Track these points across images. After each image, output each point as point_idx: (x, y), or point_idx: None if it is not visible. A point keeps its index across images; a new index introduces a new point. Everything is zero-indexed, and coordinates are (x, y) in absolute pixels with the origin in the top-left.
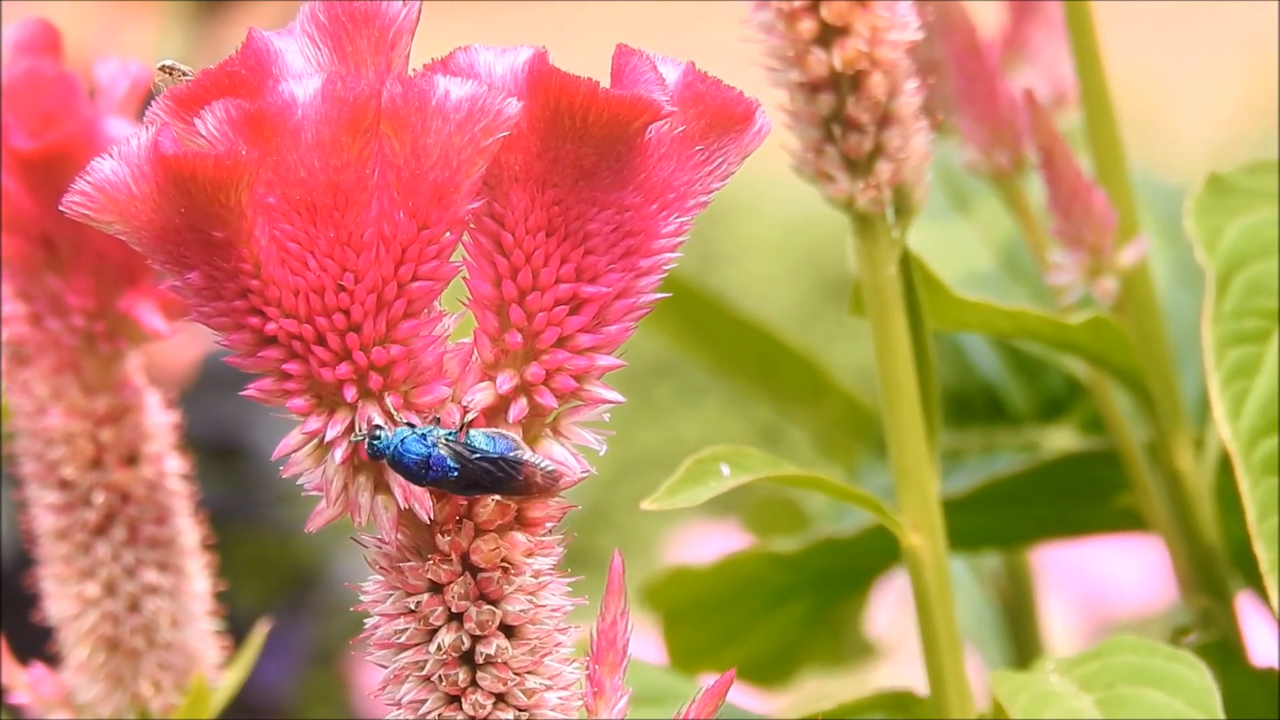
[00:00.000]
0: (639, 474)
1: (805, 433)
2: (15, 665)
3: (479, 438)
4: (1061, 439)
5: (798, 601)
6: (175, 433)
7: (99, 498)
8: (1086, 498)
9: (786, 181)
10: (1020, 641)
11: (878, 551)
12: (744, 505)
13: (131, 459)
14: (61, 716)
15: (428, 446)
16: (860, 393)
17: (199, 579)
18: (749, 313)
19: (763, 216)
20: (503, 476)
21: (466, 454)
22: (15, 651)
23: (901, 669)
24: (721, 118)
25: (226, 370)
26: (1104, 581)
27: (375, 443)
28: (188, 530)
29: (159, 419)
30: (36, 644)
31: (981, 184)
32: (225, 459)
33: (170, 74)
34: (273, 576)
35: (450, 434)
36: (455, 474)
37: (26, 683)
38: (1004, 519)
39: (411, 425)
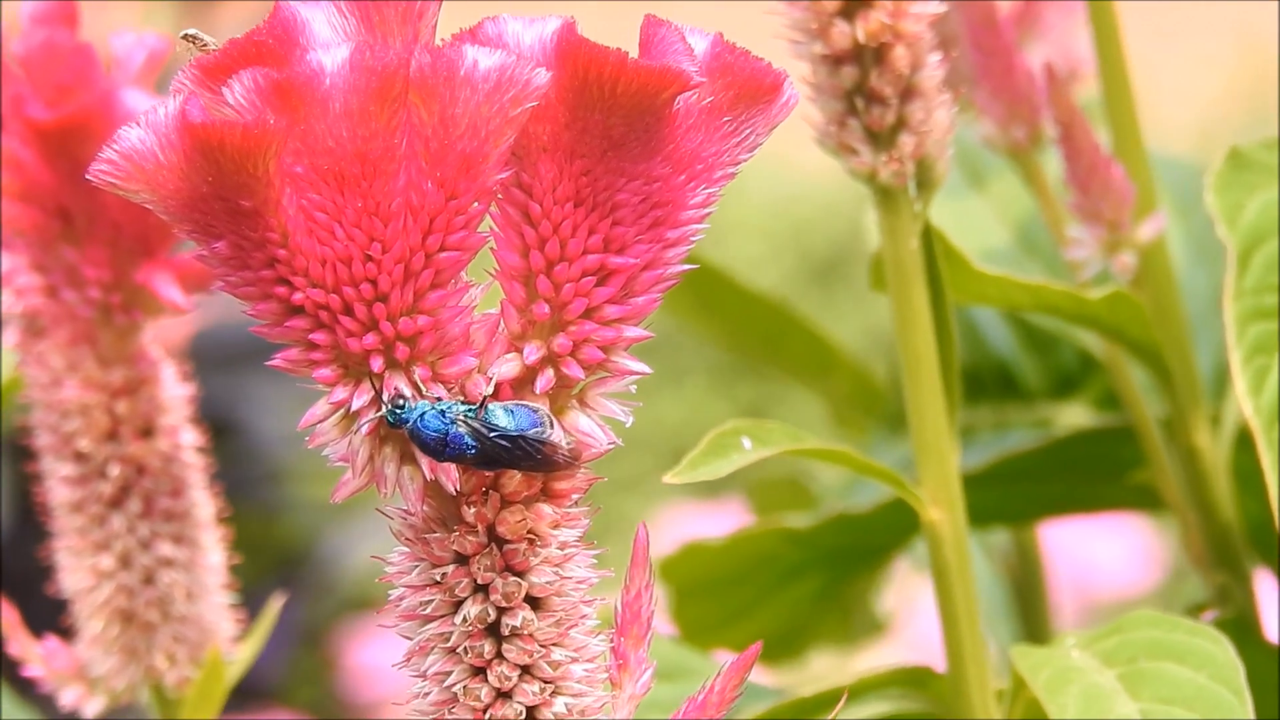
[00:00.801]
0: (621, 454)
1: (813, 407)
2: (29, 638)
3: (499, 414)
4: (1074, 415)
5: (809, 578)
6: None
7: (114, 470)
8: (1101, 474)
9: (769, 162)
10: (1029, 618)
11: (891, 528)
12: (736, 483)
13: (147, 431)
14: (75, 689)
15: (446, 423)
16: (867, 368)
17: (213, 552)
18: (757, 286)
19: (745, 198)
20: (521, 454)
21: (485, 432)
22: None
23: (885, 651)
24: (749, 89)
25: (216, 348)
26: (1089, 563)
27: (398, 411)
28: (202, 503)
29: (174, 392)
30: (36, 618)
31: (996, 160)
32: (213, 437)
33: (193, 43)
34: (260, 555)
35: (470, 410)
36: (473, 451)
37: (41, 655)
38: (1017, 495)
39: (438, 399)
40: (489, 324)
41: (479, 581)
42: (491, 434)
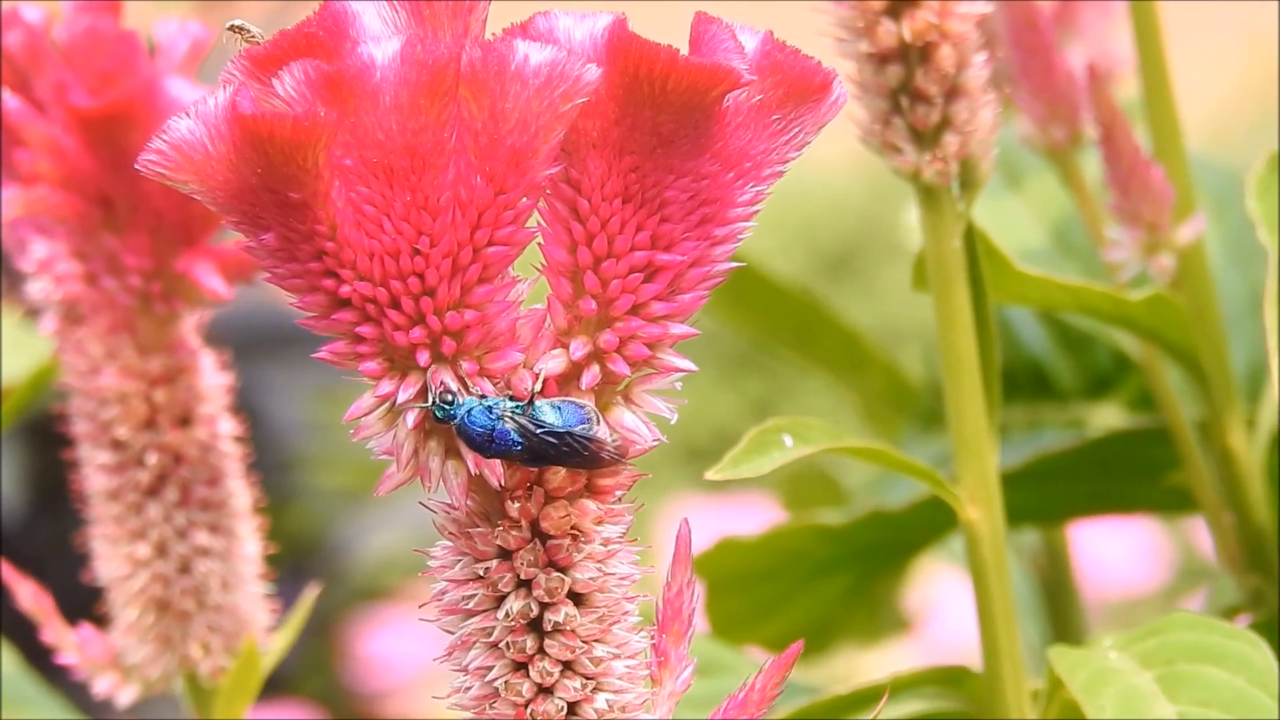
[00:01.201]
0: None
1: (823, 401)
2: (63, 625)
3: (546, 410)
4: (1108, 416)
5: (840, 575)
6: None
7: (152, 459)
8: (1135, 475)
9: None
10: (1057, 619)
11: (923, 525)
12: (746, 479)
13: (185, 420)
14: (109, 677)
15: (493, 419)
16: (900, 365)
17: (250, 542)
18: (790, 281)
19: None
20: (568, 450)
21: (532, 428)
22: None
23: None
24: (799, 87)
25: (228, 336)
26: (1096, 562)
27: (446, 406)
28: (239, 493)
29: (213, 380)
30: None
31: (1033, 160)
32: None
33: (240, 34)
34: (271, 544)
35: (518, 406)
36: (519, 448)
37: (75, 643)
38: (1051, 495)
39: (483, 396)
40: (535, 319)
41: (522, 577)
42: (539, 430)
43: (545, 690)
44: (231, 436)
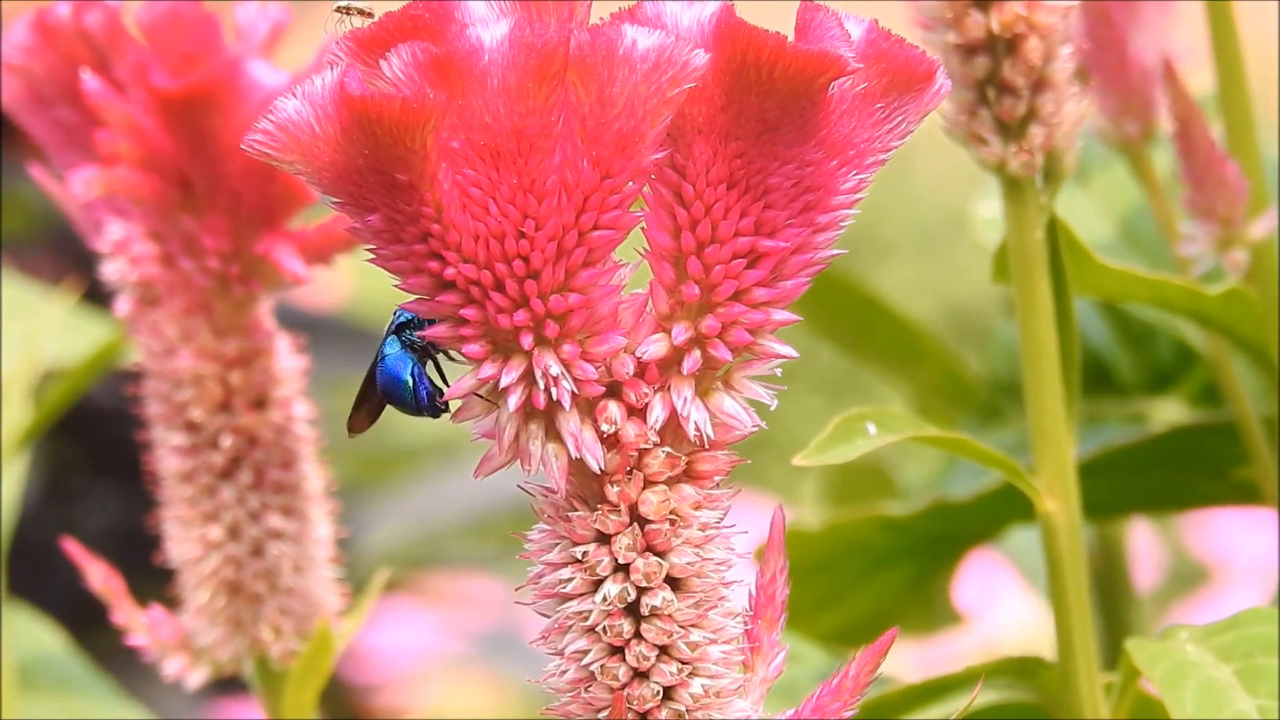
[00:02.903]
0: None
1: (902, 397)
2: (134, 607)
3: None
4: (1169, 411)
5: (899, 567)
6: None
7: (226, 441)
8: (1200, 470)
9: None
10: (1110, 614)
11: (987, 518)
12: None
13: (260, 403)
14: (179, 659)
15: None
16: (958, 360)
17: (322, 525)
18: (848, 273)
19: None
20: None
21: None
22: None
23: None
24: (903, 76)
25: None
26: None
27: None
28: (313, 476)
29: (289, 363)
30: (52, 588)
31: (1100, 153)
32: None
33: (347, 14)
34: None
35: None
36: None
37: (145, 624)
38: (1116, 489)
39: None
40: (637, 304)
41: (620, 561)
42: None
43: (641, 675)
44: (306, 420)
